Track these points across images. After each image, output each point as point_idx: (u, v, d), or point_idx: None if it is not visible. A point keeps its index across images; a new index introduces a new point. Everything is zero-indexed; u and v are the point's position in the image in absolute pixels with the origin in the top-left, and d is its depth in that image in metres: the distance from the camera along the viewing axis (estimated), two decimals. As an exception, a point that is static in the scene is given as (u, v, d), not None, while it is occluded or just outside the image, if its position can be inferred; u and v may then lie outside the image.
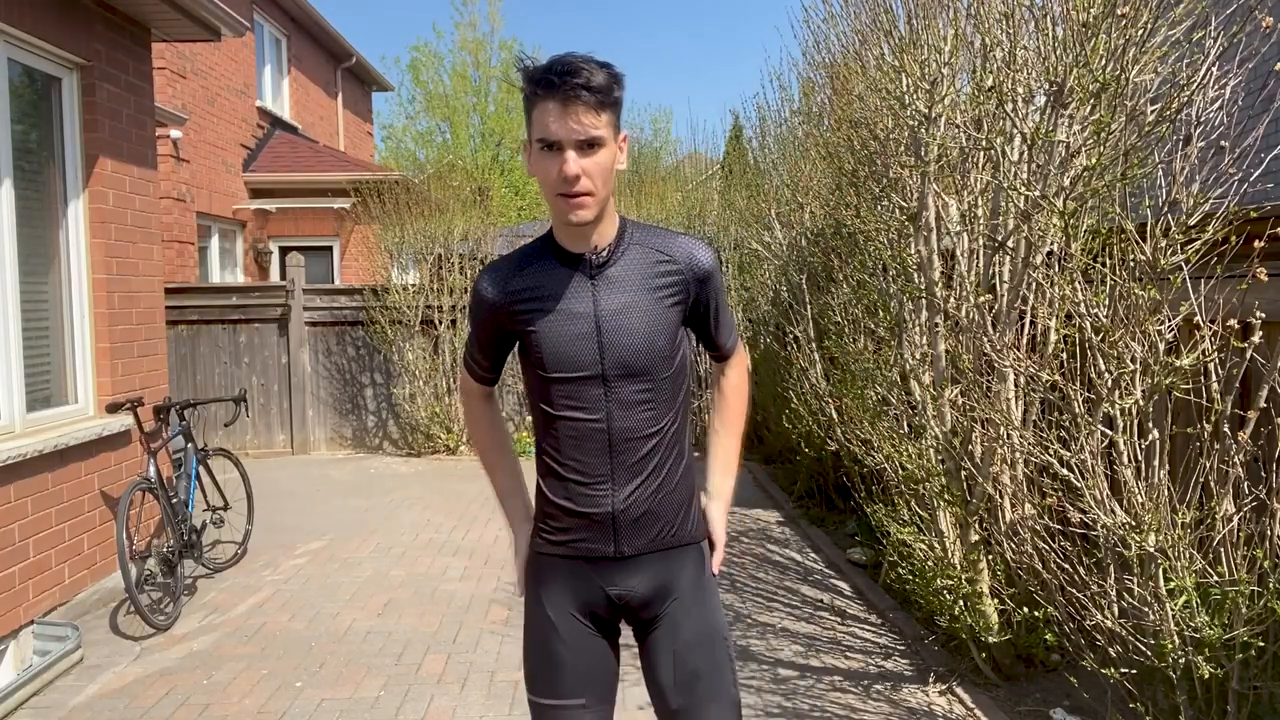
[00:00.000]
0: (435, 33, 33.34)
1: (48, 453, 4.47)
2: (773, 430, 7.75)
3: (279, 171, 13.15)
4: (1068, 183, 3.05)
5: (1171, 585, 2.63)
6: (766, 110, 7.97)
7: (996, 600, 3.68)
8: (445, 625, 4.64)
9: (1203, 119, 2.64)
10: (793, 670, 3.99)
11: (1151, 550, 2.65)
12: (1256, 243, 2.46)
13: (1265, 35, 2.60)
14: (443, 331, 9.57)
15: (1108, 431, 2.77)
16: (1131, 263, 2.67)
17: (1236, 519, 2.52)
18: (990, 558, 3.72)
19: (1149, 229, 2.63)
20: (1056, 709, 3.46)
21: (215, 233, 12.35)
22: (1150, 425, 2.72)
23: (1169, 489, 2.68)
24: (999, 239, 3.47)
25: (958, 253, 3.73)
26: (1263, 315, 2.41)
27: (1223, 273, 2.52)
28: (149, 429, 5.31)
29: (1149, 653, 2.72)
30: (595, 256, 1.79)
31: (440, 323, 9.55)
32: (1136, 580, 2.72)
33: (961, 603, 3.67)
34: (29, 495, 4.37)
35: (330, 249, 13.74)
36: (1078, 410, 2.86)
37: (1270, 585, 2.43)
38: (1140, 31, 2.85)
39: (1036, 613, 3.42)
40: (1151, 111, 2.84)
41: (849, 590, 5.08)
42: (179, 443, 5.49)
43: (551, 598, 1.88)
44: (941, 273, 3.85)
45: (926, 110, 3.75)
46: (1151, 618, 2.69)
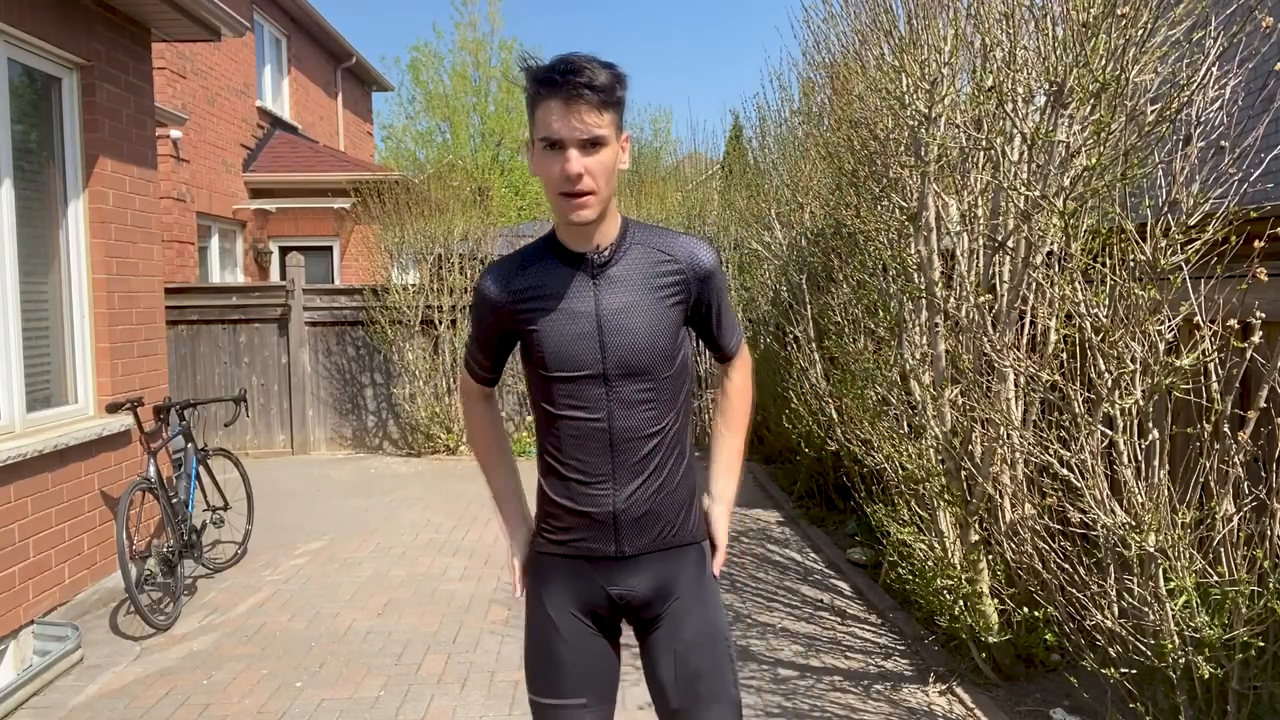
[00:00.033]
0: (435, 33, 33.38)
1: (48, 453, 4.47)
2: (773, 430, 7.74)
3: (279, 171, 13.16)
4: (1068, 183, 3.05)
5: (1171, 585, 2.63)
6: (766, 110, 7.98)
7: (996, 600, 3.68)
8: (445, 625, 4.64)
9: (1203, 119, 2.64)
10: (793, 670, 3.99)
11: (1151, 550, 2.65)
12: (1256, 243, 2.46)
13: (1265, 35, 2.60)
14: (443, 331, 9.57)
15: (1108, 431, 2.77)
16: (1131, 263, 2.67)
17: (1236, 519, 2.52)
18: (990, 558, 3.72)
19: (1149, 229, 2.64)
20: (1056, 709, 3.46)
21: (215, 233, 12.35)
22: (1150, 425, 2.72)
23: (1169, 489, 2.68)
24: (999, 239, 3.47)
25: (958, 253, 3.73)
26: (1263, 315, 2.41)
27: (1223, 273, 2.52)
28: (149, 429, 5.31)
29: (1149, 653, 2.73)
30: (597, 256, 1.79)
31: (440, 323, 9.55)
32: (1136, 580, 2.72)
33: (961, 603, 3.67)
34: (29, 495, 4.37)
35: (330, 249, 13.75)
36: (1078, 410, 2.86)
37: (1270, 585, 2.43)
38: (1140, 31, 2.85)
39: (1036, 613, 3.42)
40: (1151, 111, 2.84)
41: (849, 590, 5.08)
42: (179, 443, 5.50)
43: (552, 597, 1.88)
44: (941, 273, 3.85)
45: (926, 110, 3.75)
46: (1151, 618, 2.69)
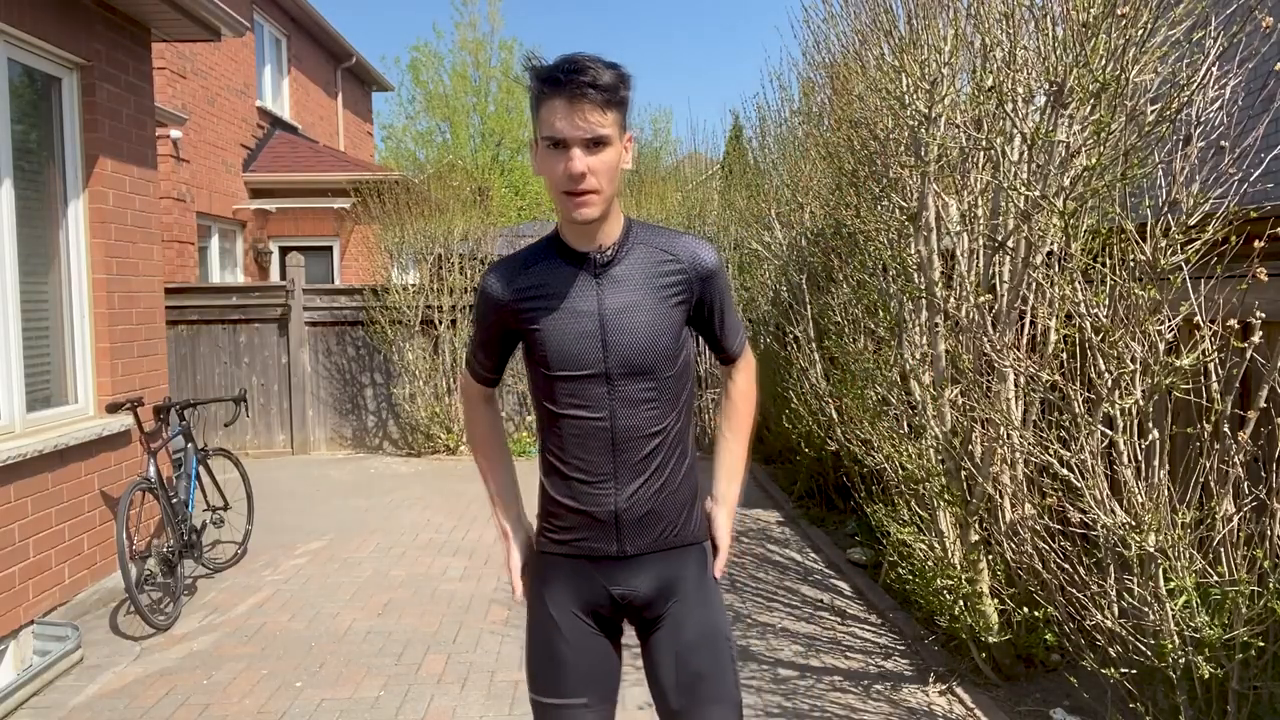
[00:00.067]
0: (435, 33, 33.40)
1: (48, 453, 4.47)
2: (773, 430, 7.74)
3: (279, 171, 13.16)
4: (1068, 183, 3.05)
5: (1171, 585, 2.63)
6: (766, 110, 7.97)
7: (996, 600, 3.68)
8: (445, 625, 4.64)
9: (1203, 119, 2.64)
10: (793, 670, 3.99)
11: (1151, 550, 2.65)
12: (1256, 243, 2.46)
13: (1265, 35, 2.60)
14: (443, 331, 9.57)
15: (1108, 431, 2.77)
16: (1131, 263, 2.67)
17: (1236, 519, 2.52)
18: (990, 558, 3.72)
19: (1149, 229, 2.63)
20: (1056, 709, 3.46)
21: (215, 233, 12.35)
22: (1150, 425, 2.72)
23: (1169, 489, 2.68)
24: (999, 239, 3.47)
25: (958, 253, 3.73)
26: (1263, 315, 2.41)
27: (1223, 273, 2.52)
28: (149, 429, 5.31)
29: (1149, 653, 2.72)
30: (600, 255, 1.80)
31: (440, 323, 9.55)
32: (1136, 580, 2.72)
33: (961, 603, 3.67)
34: (29, 495, 4.37)
35: (330, 249, 13.75)
36: (1078, 410, 2.86)
37: (1270, 585, 2.43)
38: (1140, 31, 2.85)
39: (1036, 613, 3.42)
40: (1151, 111, 2.84)
41: (849, 590, 5.08)
42: (179, 443, 5.50)
43: (554, 597, 1.88)
44: (941, 273, 3.85)
45: (926, 110, 3.75)
46: (1151, 618, 2.69)
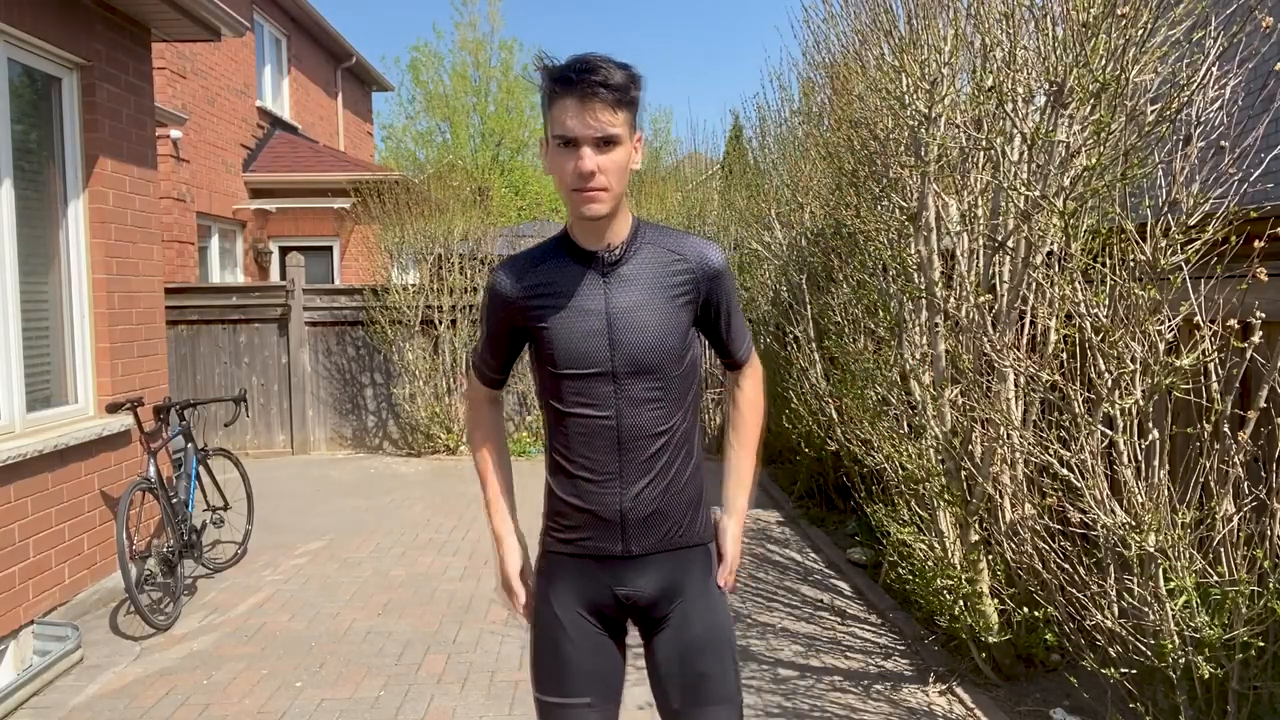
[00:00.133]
0: (435, 33, 33.39)
1: (48, 453, 4.47)
2: (773, 430, 7.74)
3: (279, 171, 13.16)
4: (1068, 183, 3.05)
5: (1171, 585, 2.63)
6: (766, 110, 7.96)
7: (996, 600, 3.68)
8: (445, 625, 4.64)
9: (1203, 119, 2.64)
10: (793, 670, 3.99)
11: (1151, 550, 2.65)
12: (1256, 243, 2.46)
13: (1265, 35, 2.60)
14: (443, 331, 9.57)
15: (1108, 431, 2.77)
16: (1131, 263, 2.67)
17: (1236, 519, 2.52)
18: (990, 558, 3.72)
19: (1149, 229, 2.64)
20: (1056, 709, 3.46)
21: (215, 233, 12.35)
22: (1150, 425, 2.72)
23: (1169, 489, 2.68)
24: (999, 239, 3.47)
25: (958, 253, 3.73)
26: (1263, 315, 2.41)
27: (1223, 273, 2.52)
28: (149, 429, 5.31)
29: (1149, 653, 2.73)
30: (608, 254, 1.80)
31: (440, 323, 9.55)
32: (1136, 580, 2.72)
33: (961, 603, 3.67)
34: (29, 495, 4.37)
35: (330, 249, 13.75)
36: (1078, 410, 2.86)
37: (1270, 585, 2.43)
38: (1140, 31, 2.85)
39: (1036, 613, 3.42)
40: (1151, 111, 2.84)
41: (849, 590, 5.08)
42: (179, 443, 5.50)
43: (559, 596, 1.88)
44: (941, 273, 3.85)
45: (926, 110, 3.75)
46: (1151, 618, 2.69)
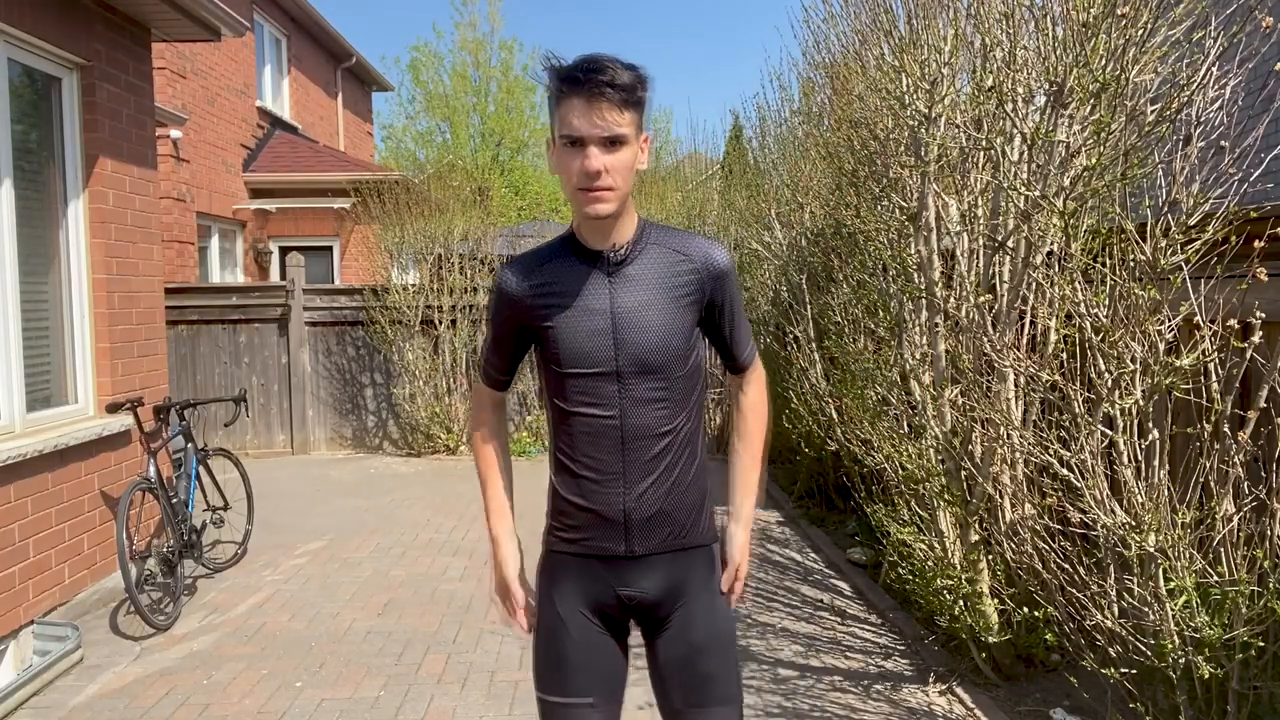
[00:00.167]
0: (435, 33, 33.37)
1: (48, 453, 4.47)
2: (773, 430, 7.73)
3: (279, 171, 13.16)
4: (1068, 183, 3.05)
5: (1171, 585, 2.63)
6: (766, 110, 7.96)
7: (996, 600, 3.68)
8: (445, 625, 4.64)
9: (1203, 119, 2.64)
10: (793, 670, 3.99)
11: (1151, 550, 2.65)
12: (1256, 243, 2.46)
13: (1265, 35, 2.60)
14: (443, 331, 9.57)
15: (1108, 431, 2.77)
16: (1131, 263, 2.67)
17: (1236, 519, 2.52)
18: (990, 558, 3.72)
19: (1149, 229, 2.63)
20: (1056, 709, 3.46)
21: (215, 233, 12.35)
22: (1150, 425, 2.72)
23: (1169, 489, 2.67)
24: (999, 239, 3.47)
25: (958, 253, 3.73)
26: (1263, 315, 2.41)
27: (1223, 273, 2.52)
28: (149, 429, 5.31)
29: (1149, 653, 2.72)
30: (614, 254, 1.81)
31: (440, 323, 9.55)
32: (1136, 580, 2.72)
33: (961, 603, 3.67)
34: (29, 495, 4.37)
35: (330, 249, 13.75)
36: (1078, 410, 2.86)
37: (1270, 585, 2.43)
38: (1140, 31, 2.85)
39: (1036, 613, 3.42)
40: (1151, 111, 2.84)
41: (849, 590, 5.08)
42: (179, 443, 5.49)
43: (563, 596, 1.88)
44: (941, 273, 3.85)
45: (926, 110, 3.75)
46: (1151, 618, 2.69)
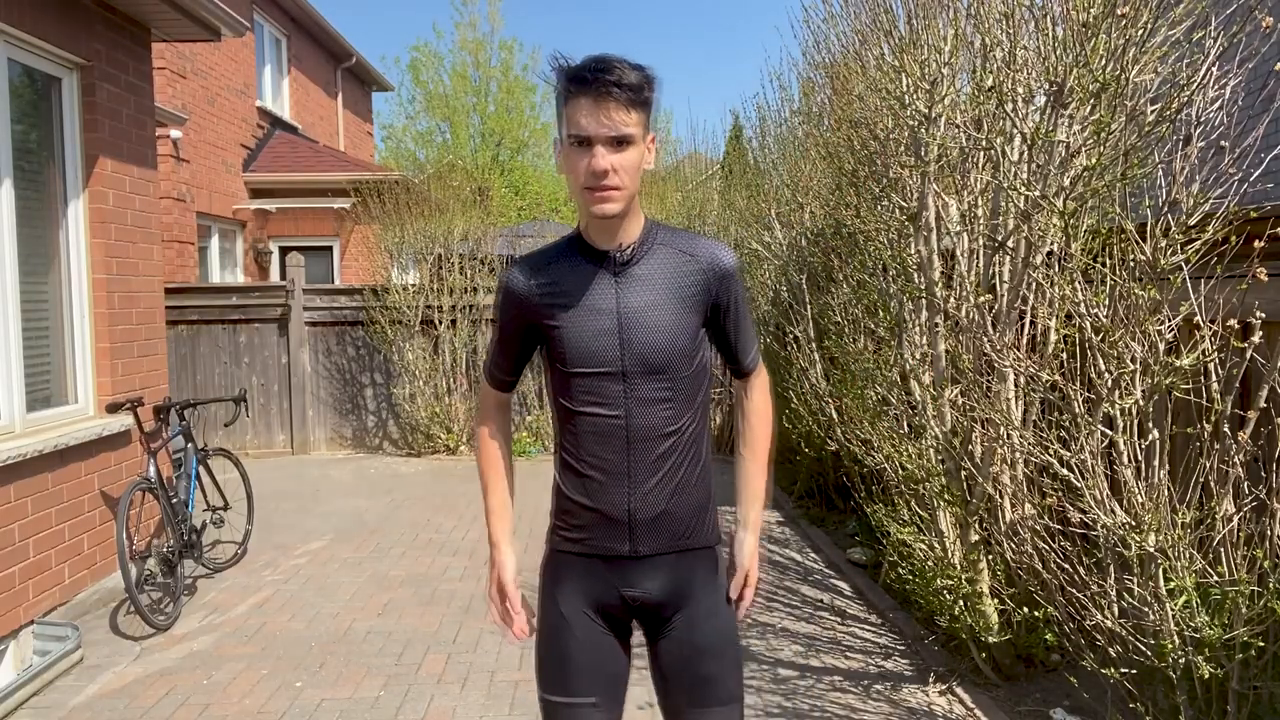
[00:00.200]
0: (435, 33, 33.31)
1: (48, 453, 4.47)
2: (775, 431, 7.72)
3: (279, 171, 13.16)
4: (1068, 183, 3.05)
5: (1171, 585, 2.63)
6: (766, 110, 7.95)
7: (996, 600, 3.68)
8: (445, 625, 4.64)
9: (1203, 119, 2.64)
10: (793, 670, 3.99)
11: (1151, 550, 2.65)
12: (1256, 243, 2.46)
13: (1265, 35, 2.60)
14: (443, 331, 9.57)
15: (1108, 431, 2.77)
16: (1131, 263, 2.67)
17: (1236, 519, 2.52)
18: (990, 558, 3.72)
19: (1149, 229, 2.63)
20: (1056, 709, 3.46)
21: (215, 233, 12.35)
22: (1150, 425, 2.72)
23: (1169, 489, 2.67)
24: (999, 239, 3.47)
25: (958, 253, 3.73)
26: (1263, 315, 2.41)
27: (1223, 273, 2.52)
28: (149, 429, 5.31)
29: (1149, 653, 2.72)
30: (620, 254, 1.81)
31: (440, 323, 9.55)
32: (1136, 580, 2.72)
33: (961, 603, 3.67)
34: (29, 495, 4.37)
35: (330, 249, 13.74)
36: (1078, 410, 2.86)
37: (1270, 585, 2.43)
38: (1140, 31, 2.85)
39: (1036, 613, 3.42)
40: (1151, 111, 2.84)
41: (849, 590, 5.08)
42: (179, 443, 5.49)
43: (566, 596, 1.88)
44: (941, 273, 3.85)
45: (926, 110, 3.75)
46: (1151, 618, 2.69)
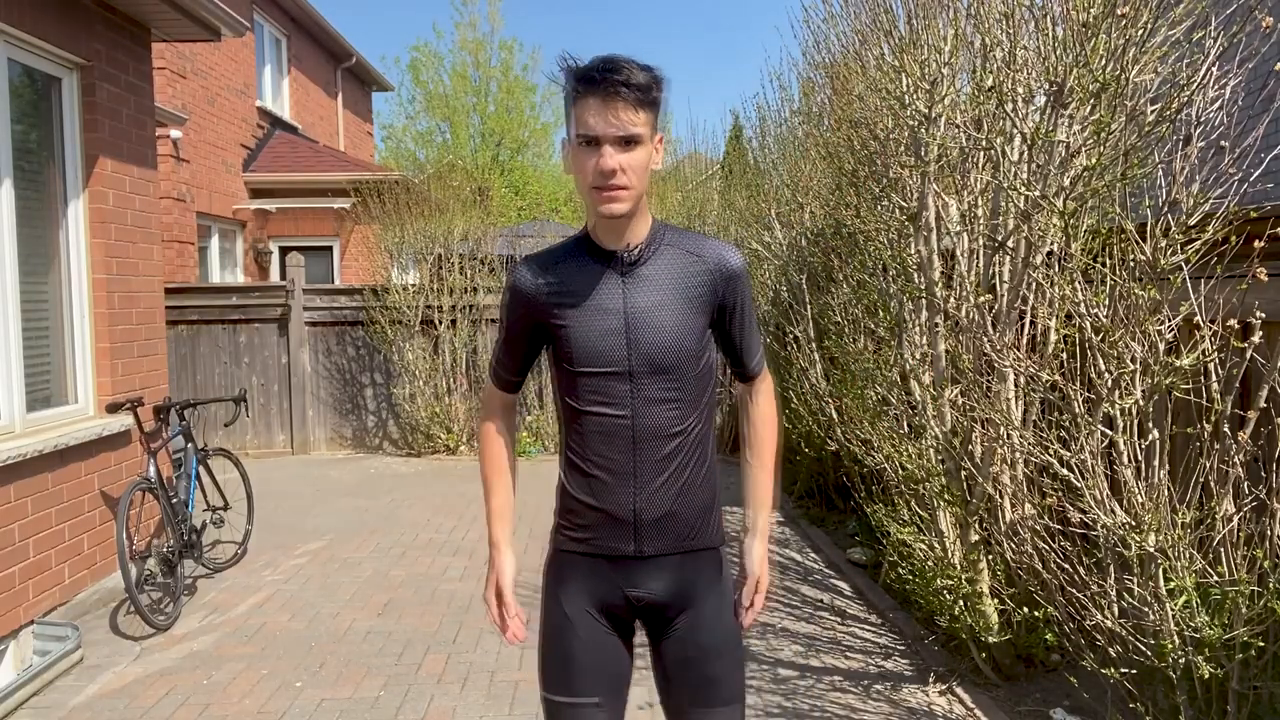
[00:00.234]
0: (435, 33, 33.29)
1: (48, 453, 4.47)
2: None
3: (279, 171, 13.16)
4: (1068, 183, 3.05)
5: (1171, 585, 2.63)
6: (766, 110, 7.95)
7: (996, 600, 3.68)
8: (445, 625, 4.64)
9: (1203, 119, 2.64)
10: (793, 670, 3.99)
11: (1151, 550, 2.65)
12: (1256, 243, 2.46)
13: (1265, 35, 2.60)
14: (443, 331, 9.57)
15: (1108, 431, 2.77)
16: (1131, 263, 2.67)
17: (1236, 519, 2.52)
18: (990, 558, 3.72)
19: (1149, 229, 2.64)
20: (1056, 709, 3.46)
21: (215, 233, 12.35)
22: (1150, 425, 2.72)
23: (1169, 489, 2.68)
24: (999, 239, 3.47)
25: (958, 253, 3.73)
26: (1263, 315, 2.41)
27: (1223, 273, 2.52)
28: (149, 429, 5.31)
29: (1149, 653, 2.72)
30: (627, 254, 1.81)
31: (440, 323, 9.55)
32: (1136, 580, 2.72)
33: (961, 603, 3.67)
34: (29, 495, 4.37)
35: (330, 249, 13.74)
36: (1078, 410, 2.86)
37: (1270, 585, 2.43)
38: (1140, 31, 2.85)
39: (1036, 613, 3.42)
40: (1151, 111, 2.84)
41: (849, 590, 5.08)
42: (179, 443, 5.49)
43: (569, 595, 1.88)
44: (941, 273, 3.85)
45: (926, 110, 3.75)
46: (1151, 618, 2.69)
